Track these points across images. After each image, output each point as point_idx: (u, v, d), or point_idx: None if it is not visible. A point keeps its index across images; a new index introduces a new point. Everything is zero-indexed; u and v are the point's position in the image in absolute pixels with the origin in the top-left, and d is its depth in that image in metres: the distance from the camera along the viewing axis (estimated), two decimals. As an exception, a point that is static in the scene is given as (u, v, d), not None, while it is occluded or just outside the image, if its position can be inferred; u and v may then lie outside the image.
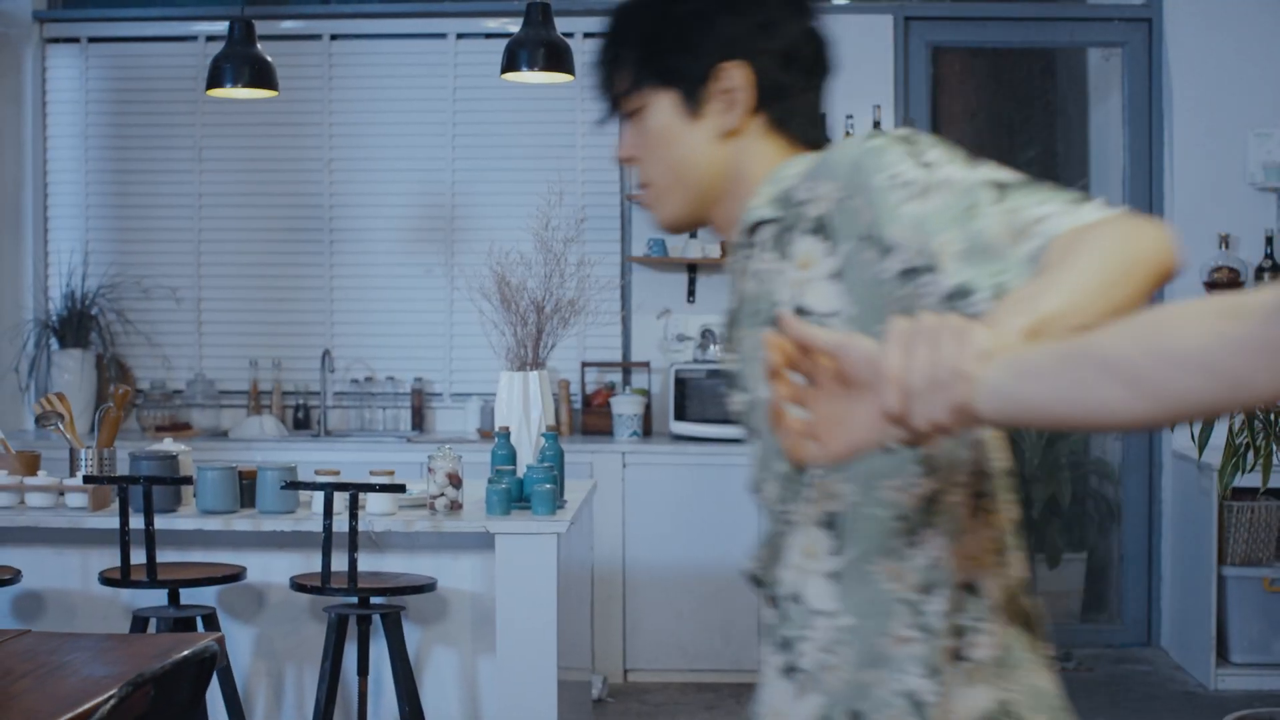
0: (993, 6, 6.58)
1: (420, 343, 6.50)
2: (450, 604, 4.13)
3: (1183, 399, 1.11)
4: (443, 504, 3.98)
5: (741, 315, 1.62)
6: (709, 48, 1.63)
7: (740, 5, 1.64)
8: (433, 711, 4.06)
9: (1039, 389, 1.18)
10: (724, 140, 1.64)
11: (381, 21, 6.56)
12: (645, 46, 1.65)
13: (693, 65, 1.63)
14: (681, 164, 1.65)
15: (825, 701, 1.53)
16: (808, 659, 1.55)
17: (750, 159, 1.64)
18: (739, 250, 1.64)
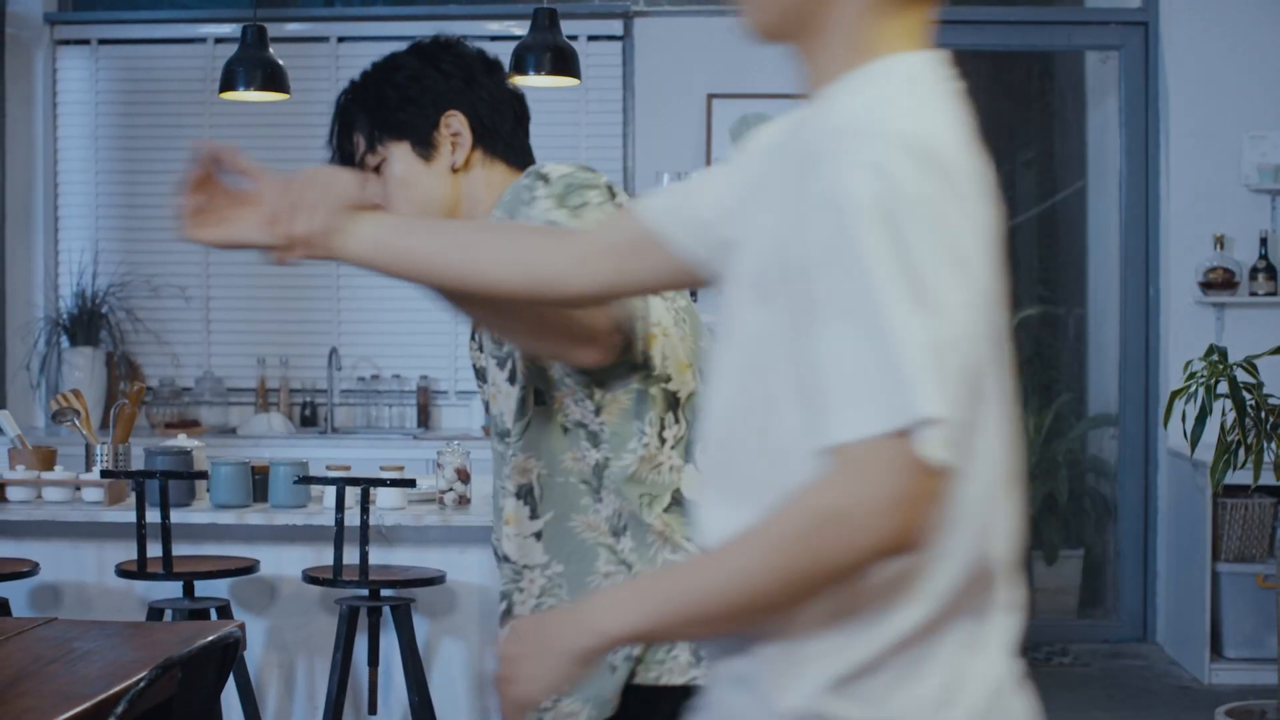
0: (991, 10, 6.67)
1: (426, 341, 6.60)
2: (459, 596, 4.22)
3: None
4: (451, 499, 4.07)
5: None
6: (428, 101, 2.03)
7: (444, 66, 2.05)
8: (441, 702, 4.15)
9: (418, 242, 1.65)
10: (455, 175, 2.04)
11: (388, 24, 6.65)
12: (377, 110, 2.05)
13: (419, 117, 2.03)
14: (426, 200, 2.03)
15: None
16: (523, 607, 1.89)
17: (478, 186, 2.04)
18: None
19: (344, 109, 2.11)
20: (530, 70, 4.90)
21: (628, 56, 6.52)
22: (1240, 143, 6.24)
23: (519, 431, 1.88)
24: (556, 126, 6.53)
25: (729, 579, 1.32)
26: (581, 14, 6.44)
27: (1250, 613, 5.75)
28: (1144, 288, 6.52)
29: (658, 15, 6.54)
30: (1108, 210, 6.70)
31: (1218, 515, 5.74)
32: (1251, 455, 4.45)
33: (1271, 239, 6.24)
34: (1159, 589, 6.45)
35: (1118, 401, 6.62)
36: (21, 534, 4.22)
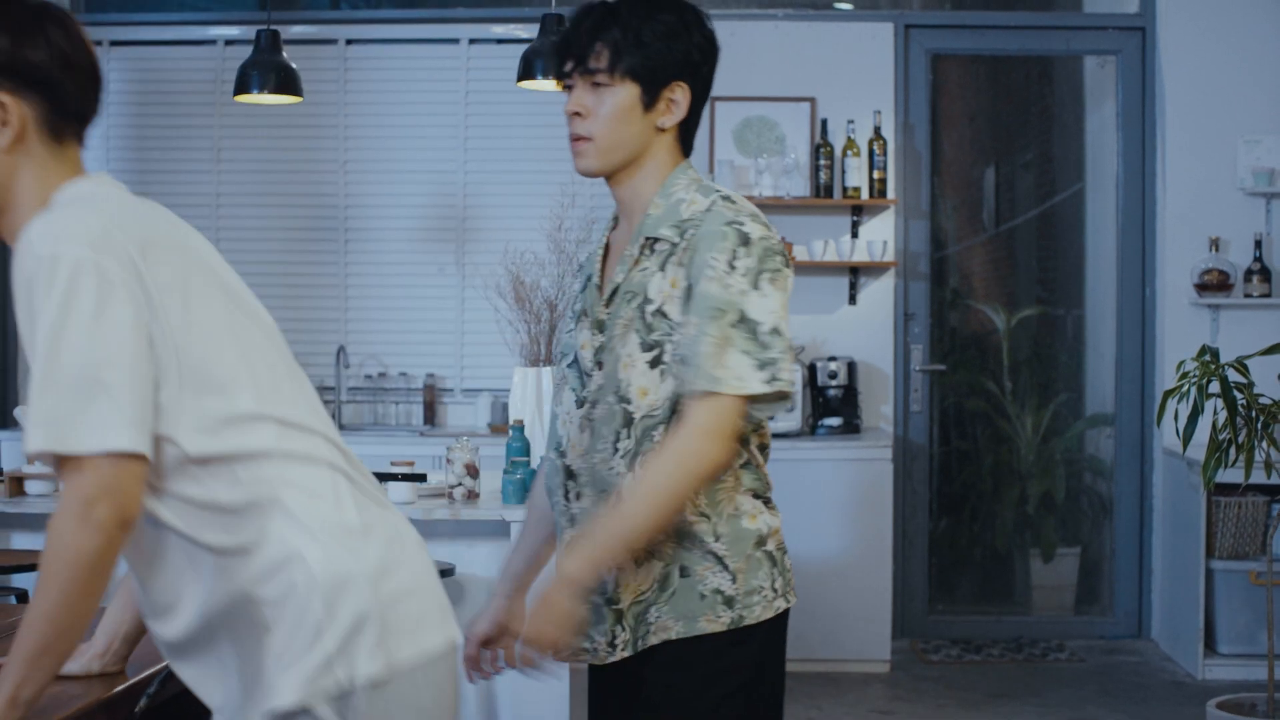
0: (991, 15, 6.75)
1: (432, 339, 6.68)
2: (467, 589, 4.30)
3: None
4: (460, 493, 4.16)
5: (622, 291, 2.28)
6: (673, 63, 2.28)
7: (695, 38, 2.32)
8: (450, 692, 4.23)
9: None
10: (658, 134, 2.30)
11: (395, 27, 6.73)
12: (635, 44, 2.25)
13: (660, 73, 2.27)
14: (621, 142, 2.28)
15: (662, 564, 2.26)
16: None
17: (664, 154, 2.32)
18: (637, 245, 2.28)
19: (605, 24, 2.27)
20: (539, 75, 4.98)
21: (632, 59, 6.59)
22: (1235, 147, 6.33)
23: (667, 411, 2.23)
24: (563, 128, 6.58)
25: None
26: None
27: (1243, 609, 5.83)
28: (1140, 289, 6.61)
29: (662, 19, 6.61)
30: (1105, 212, 6.79)
31: (1212, 513, 5.82)
32: (1243, 453, 4.53)
33: (1266, 242, 6.32)
34: (1154, 586, 6.53)
35: (1114, 401, 6.71)
36: (39, 526, 4.31)
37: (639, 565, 2.23)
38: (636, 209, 2.32)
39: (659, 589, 2.24)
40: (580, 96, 2.28)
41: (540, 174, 6.55)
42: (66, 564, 1.72)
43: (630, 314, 2.25)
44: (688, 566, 2.23)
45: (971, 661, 6.27)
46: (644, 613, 2.24)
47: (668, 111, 2.29)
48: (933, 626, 6.70)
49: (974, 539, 6.96)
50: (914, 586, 6.69)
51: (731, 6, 6.73)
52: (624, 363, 2.25)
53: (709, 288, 2.18)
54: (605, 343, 2.29)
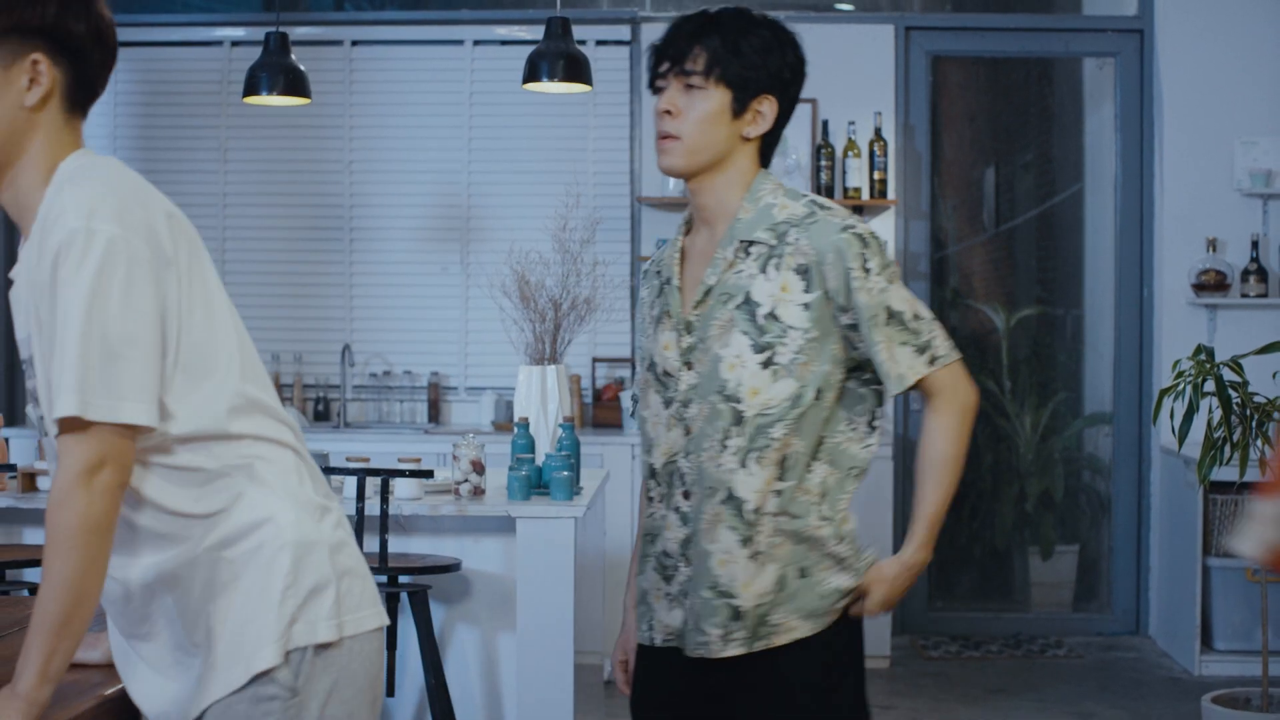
0: (991, 18, 6.80)
1: (436, 338, 6.74)
2: (473, 584, 4.36)
3: None
4: (467, 489, 4.21)
5: (716, 292, 2.38)
6: (763, 77, 2.39)
7: (789, 56, 2.44)
8: (455, 684, 4.29)
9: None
10: (742, 142, 2.40)
11: (401, 28, 6.79)
12: (734, 55, 2.35)
13: (753, 84, 2.38)
14: (704, 144, 2.37)
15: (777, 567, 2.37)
16: (735, 539, 2.36)
17: (746, 162, 2.43)
18: (731, 248, 2.38)
19: (705, 30, 2.38)
20: (544, 77, 5.04)
21: (635, 61, 6.65)
22: (1232, 148, 6.38)
23: (795, 416, 2.35)
24: (566, 129, 6.67)
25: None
26: (590, 19, 6.58)
27: (1239, 606, 5.88)
28: (1138, 289, 6.66)
29: (664, 21, 6.66)
30: (1104, 213, 6.84)
31: (1208, 511, 5.88)
32: (1238, 451, 4.58)
33: (1262, 242, 6.38)
34: (1151, 583, 6.59)
35: (1112, 400, 6.77)
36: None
37: (761, 569, 2.35)
38: (719, 213, 2.42)
39: (778, 590, 2.36)
40: (672, 96, 2.37)
41: (544, 174, 6.61)
42: (78, 530, 1.78)
43: (729, 315, 2.36)
44: (806, 568, 2.37)
45: (970, 657, 6.32)
46: (766, 615, 2.36)
47: (754, 122, 2.39)
48: (932, 623, 6.76)
49: (973, 536, 7.01)
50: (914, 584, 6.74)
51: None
52: (729, 363, 2.35)
53: (860, 298, 2.34)
54: (696, 343, 2.39)
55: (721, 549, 2.36)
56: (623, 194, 6.68)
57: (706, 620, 2.37)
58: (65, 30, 1.92)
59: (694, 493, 2.40)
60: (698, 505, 2.39)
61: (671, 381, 2.42)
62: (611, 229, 6.56)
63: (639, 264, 6.63)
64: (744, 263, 2.37)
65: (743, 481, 2.35)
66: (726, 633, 2.36)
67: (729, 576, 2.36)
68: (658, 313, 2.48)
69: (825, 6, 6.85)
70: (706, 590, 2.37)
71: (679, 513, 2.42)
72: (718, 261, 2.39)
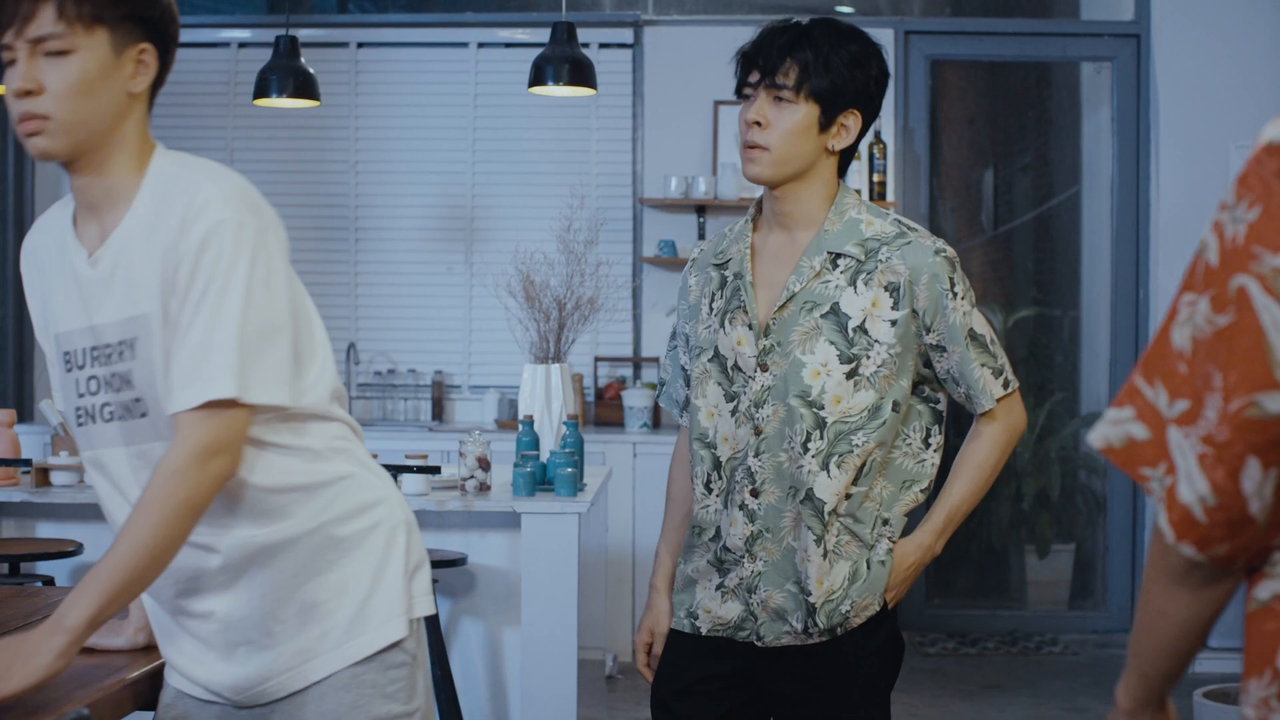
0: (990, 22, 6.88)
1: (441, 337, 6.82)
2: (478, 578, 4.44)
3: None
4: (472, 485, 4.28)
5: (800, 299, 2.45)
6: (857, 93, 2.47)
7: (874, 70, 2.49)
8: (460, 676, 4.37)
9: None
10: (826, 155, 2.48)
11: (406, 30, 6.87)
12: (825, 71, 2.42)
13: (845, 101, 2.44)
14: (795, 154, 2.45)
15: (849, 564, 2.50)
16: (806, 540, 2.48)
17: (829, 173, 2.51)
18: (819, 258, 2.46)
19: (798, 43, 2.44)
20: (549, 81, 5.12)
21: (637, 64, 6.73)
22: (1227, 152, 6.44)
23: (876, 426, 2.46)
24: (570, 131, 6.75)
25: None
26: (593, 23, 6.66)
27: (1233, 604, 5.89)
28: (1134, 291, 6.74)
29: (666, 24, 6.75)
30: (1100, 215, 6.92)
31: (1202, 510, 5.94)
32: (1229, 450, 4.65)
33: (1257, 245, 6.44)
34: (1146, 581, 6.65)
35: (1109, 400, 6.84)
36: (65, 516, 4.45)
37: (832, 567, 2.48)
38: (801, 222, 2.50)
39: (849, 584, 2.48)
40: (761, 107, 2.44)
41: (547, 175, 6.70)
42: (179, 506, 1.86)
43: (814, 323, 2.45)
44: (871, 560, 2.50)
45: (967, 654, 6.40)
46: (837, 607, 2.48)
47: (839, 135, 2.46)
48: (930, 620, 6.84)
49: (971, 535, 7.09)
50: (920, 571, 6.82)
51: (738, 12, 6.87)
52: (813, 370, 2.44)
53: (952, 318, 2.46)
54: (774, 346, 2.46)
55: (802, 546, 2.47)
56: (624, 195, 6.75)
57: (793, 614, 2.48)
58: (166, 28, 2.03)
59: (765, 491, 2.49)
60: (774, 504, 2.49)
61: (741, 378, 2.50)
62: (613, 229, 6.64)
63: (641, 264, 6.71)
64: (831, 274, 2.45)
65: (824, 484, 2.45)
66: (806, 626, 2.48)
67: (806, 573, 2.47)
68: (723, 306, 2.54)
69: (826, 11, 6.92)
70: (792, 585, 2.48)
71: (745, 510, 2.50)
72: (803, 269, 2.46)
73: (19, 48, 1.94)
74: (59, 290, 2.04)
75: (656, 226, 6.71)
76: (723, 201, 6.54)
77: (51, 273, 2.06)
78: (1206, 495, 1.31)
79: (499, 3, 7.06)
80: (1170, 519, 1.34)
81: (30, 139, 1.95)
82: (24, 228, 6.80)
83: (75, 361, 2.02)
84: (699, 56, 6.57)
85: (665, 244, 6.60)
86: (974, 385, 2.49)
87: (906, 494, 2.52)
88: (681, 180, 6.56)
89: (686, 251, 6.59)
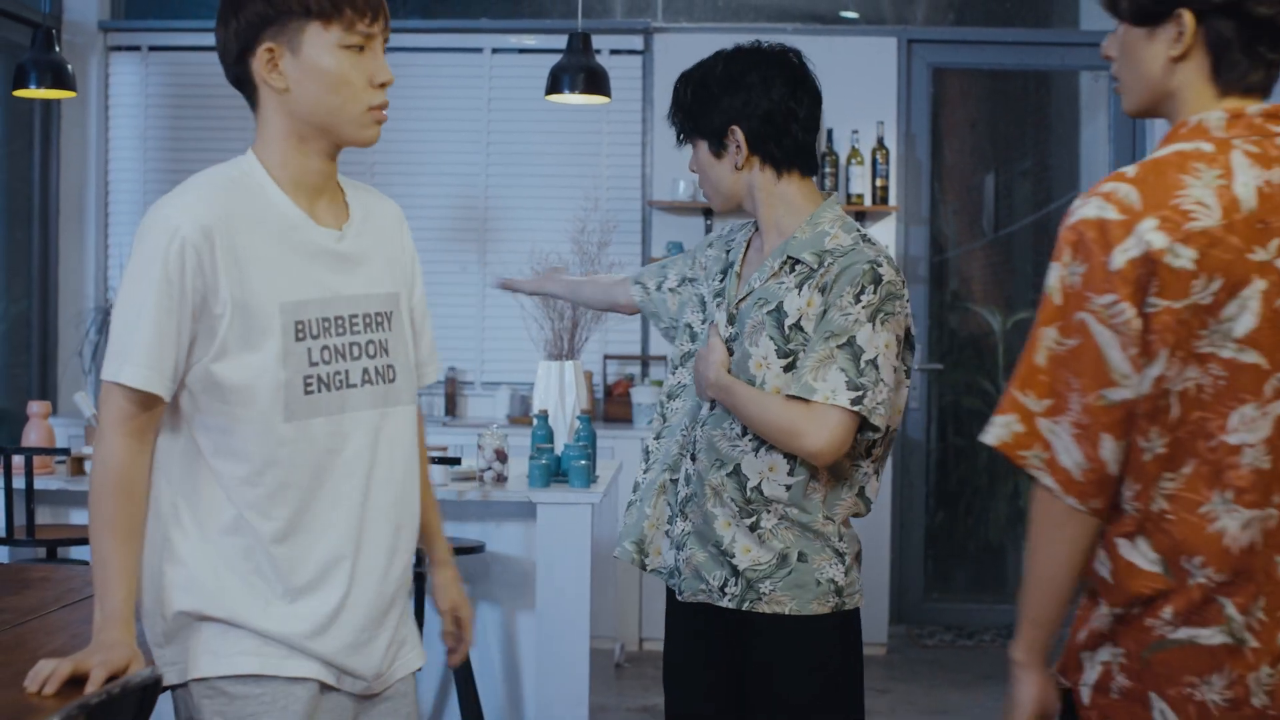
0: (990, 31, 7.03)
1: (454, 335, 6.98)
2: (494, 565, 4.61)
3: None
4: (490, 476, 4.46)
5: (755, 296, 2.64)
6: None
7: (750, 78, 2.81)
8: (477, 658, 4.54)
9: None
10: (748, 171, 2.70)
11: (422, 36, 7.02)
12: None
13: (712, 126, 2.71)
14: (719, 180, 2.74)
15: None
16: (768, 525, 2.65)
17: (766, 182, 2.72)
18: (778, 261, 2.65)
19: (672, 109, 2.78)
20: (566, 89, 5.30)
21: (648, 69, 6.89)
22: (1221, 159, 6.59)
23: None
24: (581, 135, 6.91)
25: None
26: (604, 29, 6.82)
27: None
28: (1130, 294, 6.88)
29: (676, 31, 6.92)
30: (1097, 220, 7.05)
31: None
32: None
33: (1249, 250, 6.60)
34: (1139, 577, 6.81)
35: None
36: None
37: (762, 541, 2.61)
38: (776, 228, 2.70)
39: (776, 565, 2.61)
40: (692, 156, 2.77)
41: (559, 178, 6.87)
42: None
43: (760, 318, 2.63)
44: (806, 554, 2.61)
45: (964, 646, 6.58)
46: (758, 581, 2.61)
47: (736, 153, 2.69)
48: (928, 613, 7.01)
49: (969, 532, 7.25)
50: (911, 576, 7.00)
51: (745, 20, 7.04)
52: (757, 362, 2.62)
53: (834, 315, 2.56)
54: (735, 334, 2.67)
55: (726, 514, 2.63)
56: (634, 197, 6.92)
57: (710, 571, 2.65)
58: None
59: (700, 459, 2.67)
60: (703, 472, 2.66)
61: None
62: (623, 231, 6.80)
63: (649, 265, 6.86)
64: (786, 276, 2.63)
65: (750, 463, 2.62)
66: (723, 584, 2.63)
67: (730, 539, 2.63)
68: (715, 288, 2.76)
69: (832, 20, 7.10)
70: (712, 547, 2.64)
71: (685, 473, 2.70)
72: (764, 269, 2.66)
73: (377, 36, 2.15)
74: (255, 261, 2.08)
75: (664, 228, 6.87)
76: (729, 204, 6.69)
77: (255, 242, 2.09)
78: (1081, 461, 1.88)
79: (512, 9, 7.23)
80: (1056, 479, 1.88)
81: (380, 126, 2.20)
82: (50, 228, 6.98)
83: (310, 331, 2.10)
84: (707, 63, 6.70)
85: (673, 245, 6.77)
86: (799, 369, 2.55)
87: (845, 489, 2.63)
88: (690, 184, 6.73)
89: (694, 253, 6.75)
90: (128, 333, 2.05)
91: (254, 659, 2.09)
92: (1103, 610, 1.94)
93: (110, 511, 2.03)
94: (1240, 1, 1.92)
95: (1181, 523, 1.88)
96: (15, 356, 6.89)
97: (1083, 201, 1.98)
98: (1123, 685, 1.93)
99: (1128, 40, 2.03)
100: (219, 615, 2.09)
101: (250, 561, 2.09)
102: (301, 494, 2.09)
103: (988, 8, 7.18)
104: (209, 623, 2.09)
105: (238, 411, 2.07)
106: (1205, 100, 1.97)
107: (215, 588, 2.09)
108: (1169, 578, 1.89)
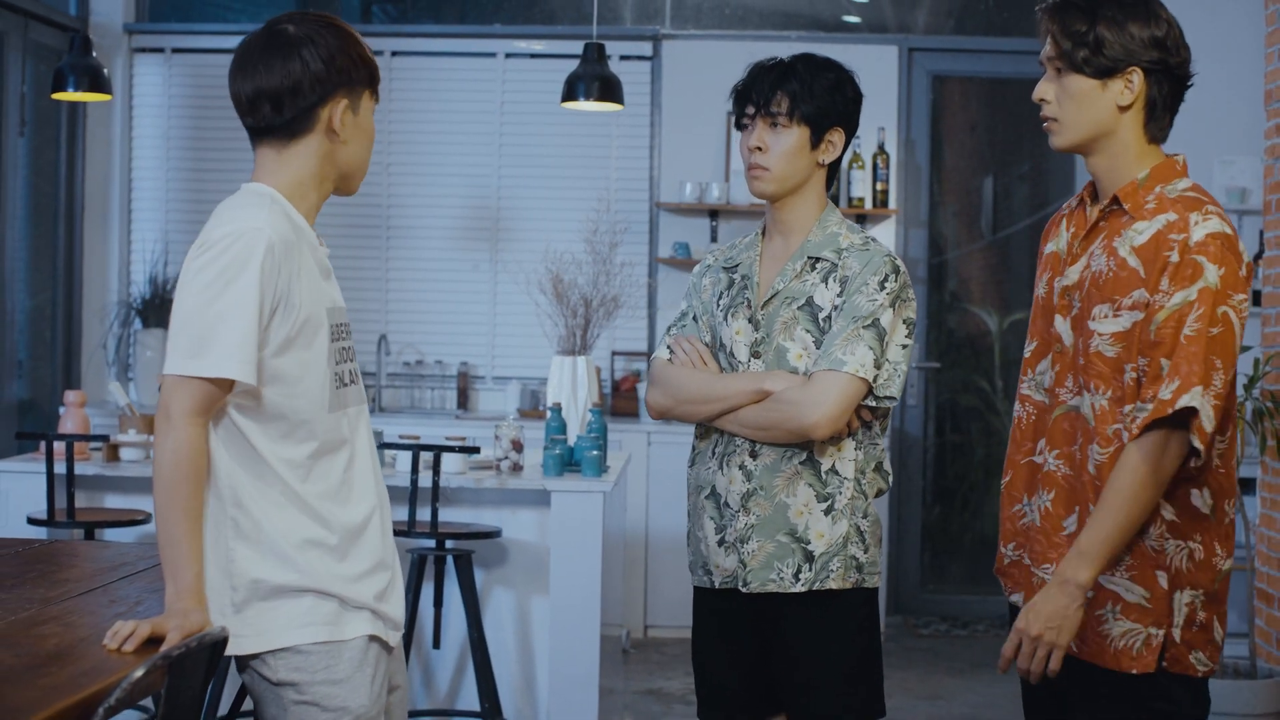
0: (989, 40, 7.22)
1: (466, 330, 7.18)
2: (510, 551, 4.81)
3: None
4: (506, 465, 4.67)
5: (781, 296, 2.86)
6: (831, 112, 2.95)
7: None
8: (493, 639, 4.74)
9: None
10: (819, 168, 2.96)
11: (438, 40, 7.22)
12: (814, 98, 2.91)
13: (824, 120, 2.93)
14: (796, 170, 2.92)
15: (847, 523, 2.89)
16: (841, 501, 2.88)
17: (819, 183, 2.98)
18: (800, 262, 2.87)
19: (785, 77, 2.92)
20: (580, 96, 5.51)
21: (656, 75, 7.09)
22: (1211, 166, 6.75)
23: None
24: (591, 138, 7.11)
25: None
26: (614, 36, 7.02)
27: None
28: (1122, 296, 7.06)
29: (684, 39, 7.12)
30: (1091, 224, 7.21)
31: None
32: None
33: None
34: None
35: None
36: (132, 489, 4.83)
37: (834, 522, 2.85)
38: (795, 229, 2.92)
39: (842, 544, 2.86)
40: (760, 134, 2.89)
41: (568, 180, 7.07)
42: None
43: (791, 314, 2.86)
44: (862, 529, 2.90)
45: (958, 636, 6.78)
46: (829, 561, 2.85)
47: (826, 150, 2.90)
48: (924, 604, 7.21)
49: (964, 526, 7.43)
50: (908, 568, 7.20)
51: (751, 27, 7.24)
52: (796, 353, 2.85)
53: (858, 299, 2.81)
54: (763, 337, 2.87)
55: (800, 502, 2.85)
56: (642, 199, 7.12)
57: (782, 560, 2.85)
58: None
59: (763, 452, 2.87)
60: (771, 464, 2.86)
61: (739, 366, 2.90)
62: (631, 232, 6.98)
63: (656, 264, 7.08)
64: (810, 275, 2.86)
65: (820, 445, 2.84)
66: (796, 572, 2.84)
67: (804, 525, 2.85)
68: (728, 303, 2.94)
69: (834, 27, 7.30)
70: (783, 535, 2.85)
71: (744, 470, 2.88)
72: (787, 271, 2.88)
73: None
74: (307, 272, 2.38)
75: (672, 229, 7.07)
76: (734, 206, 6.91)
77: (303, 257, 2.38)
78: (1211, 419, 2.33)
79: (525, 15, 7.42)
80: (1203, 442, 2.31)
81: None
82: (75, 225, 7.18)
83: (335, 335, 2.43)
84: (714, 69, 6.86)
85: (680, 246, 6.98)
86: (829, 343, 2.79)
87: (871, 470, 2.91)
88: (696, 186, 6.93)
89: (700, 253, 6.95)
90: (215, 329, 2.28)
91: (324, 628, 2.35)
92: (1173, 555, 2.41)
93: (184, 496, 2.26)
94: (1175, 67, 2.43)
95: (1229, 474, 2.43)
96: (39, 349, 7.09)
97: (1204, 216, 2.36)
98: (1202, 619, 2.42)
99: (1078, 89, 2.44)
100: (289, 583, 2.33)
101: (308, 532, 2.35)
102: (341, 472, 2.40)
103: (987, 17, 7.36)
104: (279, 592, 2.33)
105: (293, 402, 2.35)
106: (1139, 143, 2.44)
107: (278, 560, 2.33)
108: (1214, 520, 2.42)
